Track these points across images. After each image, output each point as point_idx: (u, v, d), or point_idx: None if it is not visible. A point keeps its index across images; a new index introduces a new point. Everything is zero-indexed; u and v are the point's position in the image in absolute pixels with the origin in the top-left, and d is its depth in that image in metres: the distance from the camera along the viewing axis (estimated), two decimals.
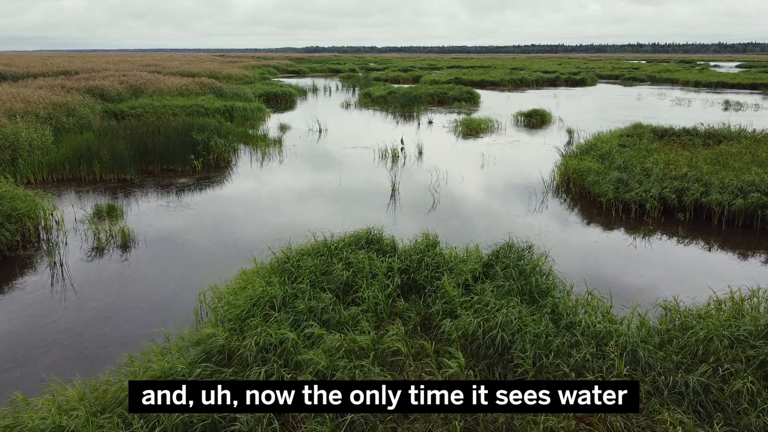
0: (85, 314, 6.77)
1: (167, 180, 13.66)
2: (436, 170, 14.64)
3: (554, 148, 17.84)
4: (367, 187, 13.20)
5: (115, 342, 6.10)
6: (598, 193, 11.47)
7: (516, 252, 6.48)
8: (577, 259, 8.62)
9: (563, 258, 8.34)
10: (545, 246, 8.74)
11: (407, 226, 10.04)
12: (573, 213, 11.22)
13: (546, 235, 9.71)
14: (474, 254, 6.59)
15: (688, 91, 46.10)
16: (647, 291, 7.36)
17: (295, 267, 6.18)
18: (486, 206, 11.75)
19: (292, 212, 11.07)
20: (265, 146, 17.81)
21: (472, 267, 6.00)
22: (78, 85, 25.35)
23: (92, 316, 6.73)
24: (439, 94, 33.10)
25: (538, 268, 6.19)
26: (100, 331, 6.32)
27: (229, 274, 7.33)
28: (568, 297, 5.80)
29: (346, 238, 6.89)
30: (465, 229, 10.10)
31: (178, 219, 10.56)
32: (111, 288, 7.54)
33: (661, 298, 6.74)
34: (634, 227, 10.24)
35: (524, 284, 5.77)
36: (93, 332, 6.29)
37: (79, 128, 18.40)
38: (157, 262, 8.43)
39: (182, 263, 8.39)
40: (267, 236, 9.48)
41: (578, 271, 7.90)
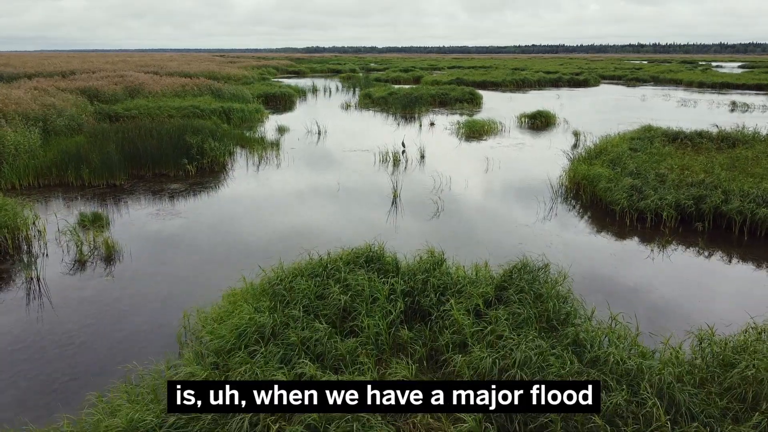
0: (58, 339, 6.18)
1: (158, 185, 13.08)
2: (438, 174, 14.07)
3: (561, 152, 17.26)
4: (368, 192, 12.62)
5: (86, 373, 5.52)
6: (610, 200, 10.88)
7: (531, 272, 5.88)
8: (592, 275, 8.02)
9: (578, 273, 7.76)
10: (557, 259, 8.17)
11: (410, 237, 9.46)
12: (584, 222, 10.62)
13: (557, 247, 9.12)
14: (484, 274, 6.00)
15: (693, 91, 45.48)
16: (673, 313, 6.77)
17: (288, 290, 5.59)
18: (492, 214, 11.17)
19: (287, 221, 10.49)
20: (262, 149, 17.24)
21: (483, 290, 5.40)
22: (71, 86, 24.79)
23: (66, 341, 6.15)
24: (441, 95, 32.51)
25: (555, 291, 5.60)
26: (72, 361, 5.74)
27: (217, 292, 6.76)
28: (590, 323, 5.22)
29: (344, 255, 6.29)
30: (471, 239, 9.52)
31: (167, 228, 9.97)
32: (90, 308, 6.95)
33: (690, 322, 6.18)
34: (650, 238, 9.65)
35: (542, 310, 5.20)
36: (63, 362, 5.70)
37: (70, 131, 17.84)
38: (141, 278, 7.85)
39: (169, 279, 7.81)
40: (260, 249, 8.90)
41: (595, 289, 7.32)
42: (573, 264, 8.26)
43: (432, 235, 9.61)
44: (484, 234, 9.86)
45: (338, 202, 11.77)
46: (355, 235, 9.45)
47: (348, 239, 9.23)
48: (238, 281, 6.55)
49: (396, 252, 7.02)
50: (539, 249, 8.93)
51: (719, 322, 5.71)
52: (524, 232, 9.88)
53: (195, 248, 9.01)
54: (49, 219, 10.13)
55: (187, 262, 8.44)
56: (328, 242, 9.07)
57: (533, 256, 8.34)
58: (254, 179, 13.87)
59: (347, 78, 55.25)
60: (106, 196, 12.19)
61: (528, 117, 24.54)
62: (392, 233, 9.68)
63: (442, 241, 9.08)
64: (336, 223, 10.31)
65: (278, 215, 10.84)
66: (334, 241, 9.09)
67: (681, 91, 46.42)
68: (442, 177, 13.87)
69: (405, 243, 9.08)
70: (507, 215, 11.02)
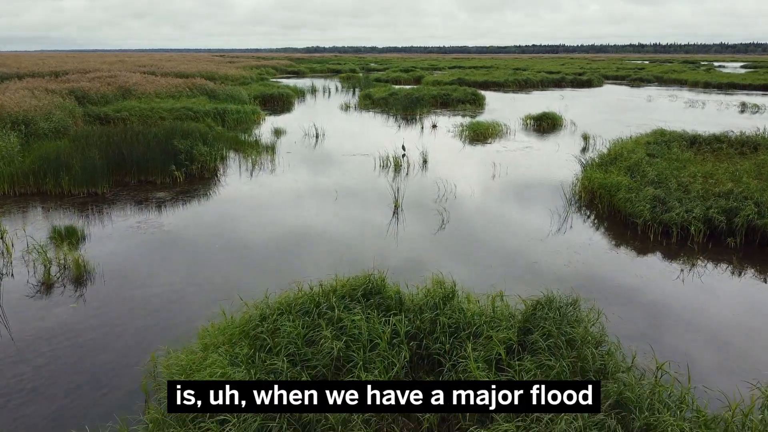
0: (7, 384, 5.32)
1: (143, 194, 12.21)
2: (442, 181, 13.21)
3: (571, 156, 16.39)
4: (367, 202, 11.75)
5: (35, 429, 4.66)
6: (630, 212, 10.02)
7: (558, 309, 5.01)
8: (619, 302, 7.15)
9: (602, 299, 6.90)
10: (578, 281, 7.31)
11: (413, 254, 8.60)
12: (603, 236, 9.75)
13: (576, 267, 8.26)
14: (502, 310, 5.13)
15: (698, 92, 44.61)
16: (721, 354, 5.88)
17: (271, 332, 4.72)
18: (502, 226, 10.29)
19: (279, 237, 9.62)
20: (257, 153, 16.37)
21: (504, 336, 4.52)
22: (61, 87, 23.91)
23: (15, 386, 5.28)
24: (443, 96, 31.63)
25: (589, 335, 4.72)
26: (17, 413, 4.88)
27: (195, 323, 5.90)
28: (632, 375, 4.35)
29: (339, 286, 5.41)
30: (480, 257, 8.65)
31: (147, 244, 9.10)
32: (50, 342, 6.09)
33: (743, 366, 5.31)
34: (677, 255, 8.78)
35: (575, 360, 4.34)
36: (6, 415, 4.84)
37: (56, 134, 16.98)
38: (113, 304, 6.98)
39: (143, 306, 6.94)
40: (247, 271, 8.03)
41: (627, 320, 6.45)
42: (596, 288, 7.41)
43: (437, 252, 8.75)
44: (494, 251, 8.99)
45: (336, 214, 10.90)
46: (354, 254, 8.59)
47: (346, 258, 8.37)
48: (217, 314, 5.68)
49: (399, 279, 6.16)
50: (557, 269, 8.07)
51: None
52: (538, 249, 9.01)
53: (176, 268, 8.14)
54: (18, 233, 9.27)
55: (166, 284, 7.57)
56: (323, 262, 8.22)
57: (551, 278, 7.49)
58: (246, 187, 13.00)
59: (347, 78, 54.37)
60: (85, 206, 11.32)
61: (533, 119, 23.69)
62: (394, 251, 8.82)
63: (449, 260, 8.22)
64: (333, 239, 9.44)
65: (269, 230, 9.97)
66: (330, 261, 8.23)
67: (686, 91, 45.55)
68: (446, 184, 13.01)
69: (408, 262, 8.22)
70: (518, 228, 10.15)
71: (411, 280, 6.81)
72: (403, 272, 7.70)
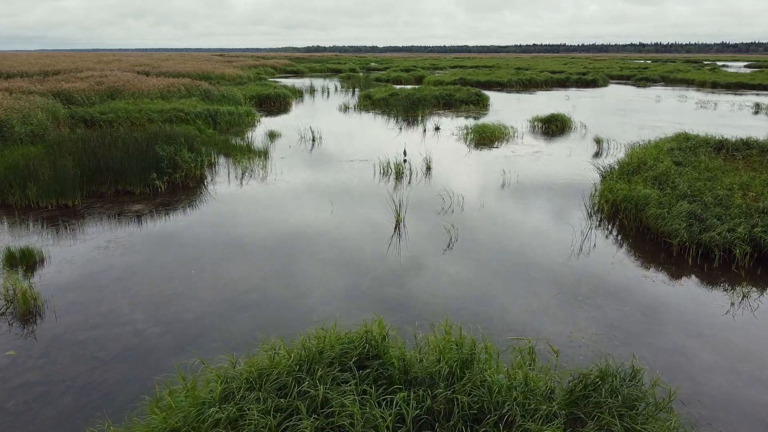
0: None
1: (119, 206, 11.07)
2: (448, 192, 12.07)
3: (586, 163, 15.27)
4: (366, 216, 10.60)
5: None
6: (662, 230, 8.88)
7: (614, 388, 3.84)
8: (666, 352, 6.00)
9: (645, 346, 5.77)
10: (610, 319, 6.17)
11: (419, 287, 7.45)
12: (633, 259, 8.58)
13: (606, 299, 7.11)
14: (539, 387, 3.95)
15: (707, 92, 43.46)
16: None
17: (233, 419, 3.57)
18: (517, 246, 9.13)
19: (262, 266, 8.47)
20: (248, 159, 15.23)
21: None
22: (44, 88, 22.78)
23: None
24: (445, 96, 30.46)
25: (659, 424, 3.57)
26: None
27: (148, 385, 4.77)
28: None
29: (327, 346, 4.24)
30: (495, 288, 7.50)
31: (113, 270, 7.95)
32: None
33: None
34: (721, 283, 7.63)
35: None
36: None
37: (35, 138, 15.86)
38: (58, 352, 5.83)
39: (93, 355, 5.78)
40: (220, 307, 6.88)
41: (684, 384, 5.30)
42: (636, 332, 6.26)
43: (446, 282, 7.60)
44: (511, 278, 7.84)
45: (330, 232, 9.75)
46: (349, 284, 7.45)
47: (340, 291, 7.23)
48: (175, 378, 4.54)
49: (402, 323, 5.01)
50: (585, 304, 6.92)
51: None
52: (560, 275, 7.86)
53: (142, 302, 7.00)
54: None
55: (127, 323, 6.42)
56: (312, 299, 7.07)
57: (581, 317, 6.34)
58: (233, 198, 11.85)
59: (347, 78, 53.20)
60: (52, 220, 10.17)
61: (541, 121, 22.53)
62: (396, 280, 7.67)
63: (459, 292, 7.08)
64: (326, 265, 8.29)
65: (252, 255, 8.81)
66: (321, 297, 7.09)
67: (694, 91, 44.39)
68: (452, 195, 11.88)
69: (413, 297, 7.08)
70: (535, 248, 8.99)
71: (417, 321, 5.69)
72: (407, 311, 6.57)
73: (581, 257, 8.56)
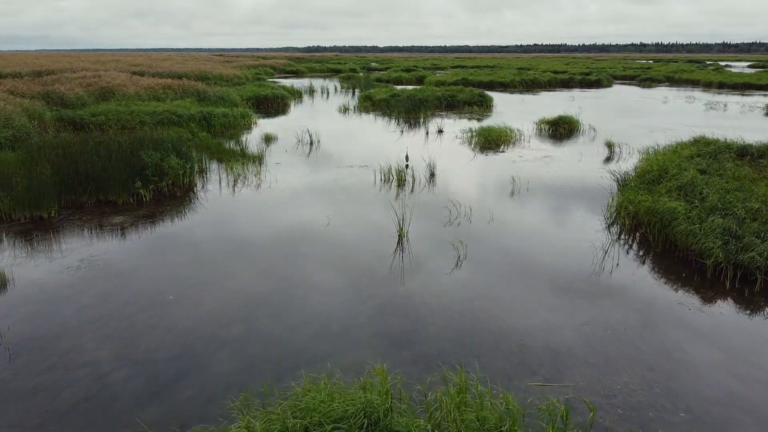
0: None
1: (99, 218, 10.23)
2: (453, 202, 11.24)
3: (598, 169, 14.43)
4: (364, 231, 9.74)
5: None
6: (694, 248, 8.03)
7: None
8: (716, 403, 5.15)
9: (687, 397, 4.93)
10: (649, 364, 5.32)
11: (424, 313, 6.60)
12: (663, 282, 7.73)
13: (637, 334, 6.26)
14: None
15: (714, 93, 42.60)
16: None
17: None
18: (532, 265, 8.28)
19: (248, 289, 7.61)
20: (242, 165, 14.41)
21: None
22: (32, 89, 21.94)
23: None
24: (448, 97, 29.60)
25: None
26: None
27: None
28: None
29: (314, 424, 3.36)
30: (512, 317, 6.65)
31: (82, 296, 7.10)
32: None
33: None
34: (766, 309, 6.78)
35: None
36: None
37: (13, 143, 15.04)
38: (6, 403, 4.98)
39: (44, 407, 4.94)
40: (197, 344, 6.03)
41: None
42: (677, 374, 5.40)
43: (454, 310, 6.76)
44: (527, 307, 6.99)
45: (325, 250, 8.90)
46: (345, 315, 6.60)
47: (334, 322, 6.39)
48: None
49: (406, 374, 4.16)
50: (615, 339, 6.06)
51: None
52: (583, 302, 7.01)
53: (110, 335, 6.15)
54: None
55: (90, 363, 5.57)
56: (301, 332, 6.23)
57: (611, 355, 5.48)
58: (221, 210, 11.00)
59: (347, 78, 52.35)
60: (24, 235, 9.33)
61: (549, 123, 21.67)
62: (399, 306, 6.82)
63: (471, 325, 6.22)
64: (319, 290, 7.45)
65: (239, 278, 7.97)
66: (312, 332, 6.25)
67: (701, 92, 43.53)
68: (458, 205, 11.03)
69: (418, 328, 6.24)
70: (552, 268, 8.14)
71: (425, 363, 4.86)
72: (413, 348, 5.72)
73: (604, 278, 7.71)
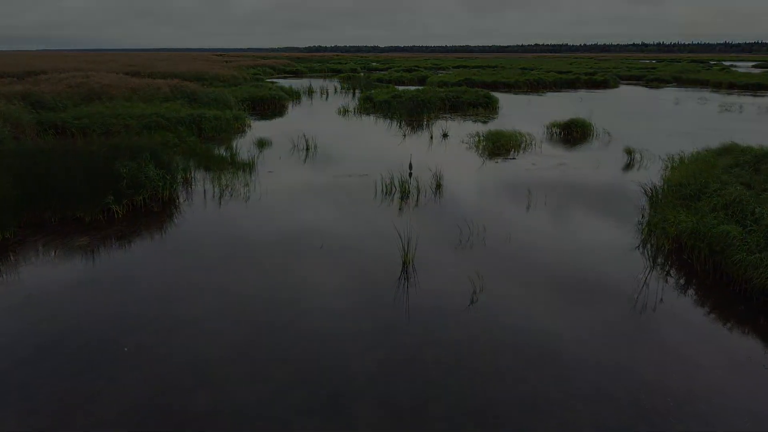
0: None
1: (61, 239, 8.98)
2: (464, 219, 9.99)
3: (622, 179, 13.19)
4: (363, 259, 8.45)
5: None
6: (757, 283, 6.77)
7: None
8: None
9: None
10: None
11: (436, 374, 5.34)
12: (720, 326, 6.46)
13: (703, 410, 5.00)
14: None
15: (725, 94, 41.29)
16: None
17: None
18: (561, 306, 7.02)
19: (220, 340, 6.36)
20: (230, 174, 13.18)
21: None
22: (12, 90, 20.70)
23: None
24: (451, 99, 28.34)
25: None
26: None
27: None
28: None
29: None
30: (542, 380, 5.40)
31: (22, 345, 5.85)
32: None
33: None
34: None
35: None
36: None
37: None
38: None
39: None
40: (147, 424, 4.78)
41: None
42: None
43: (471, 367, 5.50)
44: (560, 365, 5.73)
45: (316, 285, 7.64)
46: (337, 379, 5.34)
47: (323, 390, 5.13)
48: None
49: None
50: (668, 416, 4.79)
51: None
52: (622, 356, 5.76)
53: (41, 409, 4.91)
54: None
55: None
56: (281, 405, 4.97)
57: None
58: (201, 229, 9.75)
59: (347, 78, 51.07)
60: None
61: (560, 127, 20.43)
62: (404, 363, 5.56)
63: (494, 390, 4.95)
64: (305, 340, 6.19)
65: (209, 322, 6.72)
66: (295, 405, 4.99)
67: (711, 93, 42.24)
68: (470, 223, 9.78)
69: (429, 396, 4.98)
70: (583, 305, 6.89)
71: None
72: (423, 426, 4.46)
73: (647, 316, 6.46)
